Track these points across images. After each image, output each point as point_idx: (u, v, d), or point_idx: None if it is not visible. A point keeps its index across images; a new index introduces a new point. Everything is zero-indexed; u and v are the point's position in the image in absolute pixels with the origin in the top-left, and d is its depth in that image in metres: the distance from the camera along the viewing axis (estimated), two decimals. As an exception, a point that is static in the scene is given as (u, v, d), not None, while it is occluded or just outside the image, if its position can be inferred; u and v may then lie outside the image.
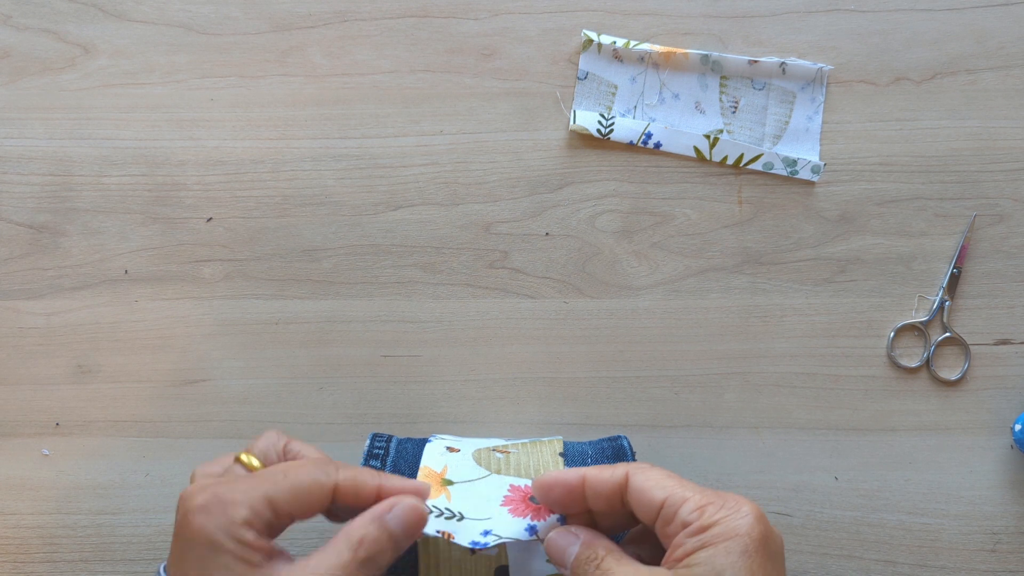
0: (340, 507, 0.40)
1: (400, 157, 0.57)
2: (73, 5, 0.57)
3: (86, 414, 0.56)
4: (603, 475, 0.39)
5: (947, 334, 0.55)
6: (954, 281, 0.55)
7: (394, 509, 0.38)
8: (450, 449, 0.48)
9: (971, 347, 0.55)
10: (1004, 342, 0.55)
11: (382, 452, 0.48)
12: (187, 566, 0.37)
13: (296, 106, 0.57)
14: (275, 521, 0.38)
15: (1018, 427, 0.53)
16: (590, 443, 0.49)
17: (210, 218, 0.57)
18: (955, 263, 0.55)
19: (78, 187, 0.57)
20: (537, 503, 0.41)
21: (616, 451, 0.47)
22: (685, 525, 0.36)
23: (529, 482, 0.43)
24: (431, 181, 0.56)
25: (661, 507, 0.37)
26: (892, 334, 0.55)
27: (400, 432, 0.55)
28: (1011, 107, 0.56)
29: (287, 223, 0.56)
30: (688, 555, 0.35)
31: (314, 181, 0.57)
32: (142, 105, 0.57)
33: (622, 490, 0.38)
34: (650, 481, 0.38)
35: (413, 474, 0.46)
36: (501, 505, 0.42)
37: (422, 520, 0.39)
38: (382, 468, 0.47)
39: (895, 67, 0.56)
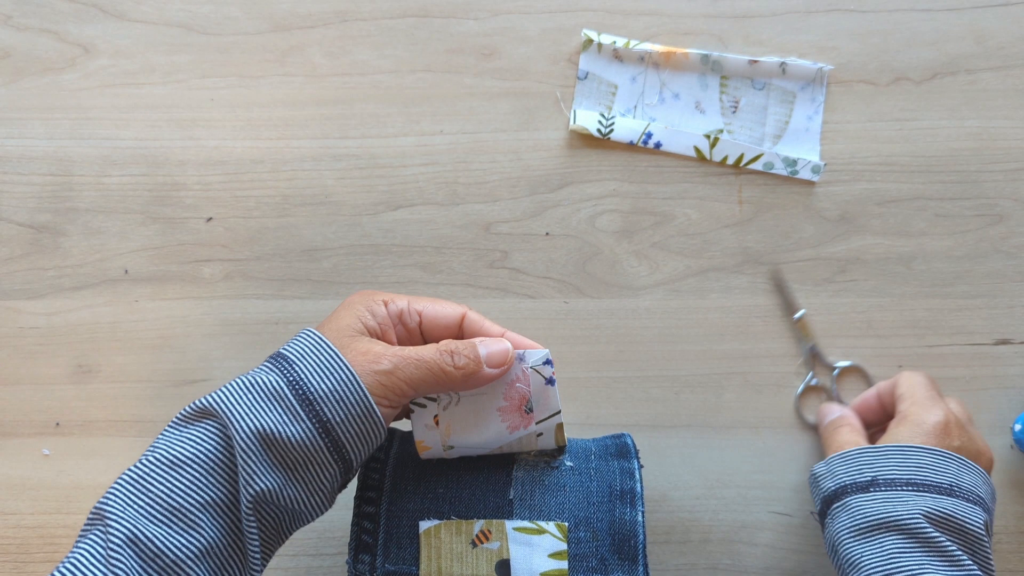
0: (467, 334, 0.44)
1: (400, 157, 0.57)
2: (73, 5, 0.57)
3: (86, 414, 0.56)
4: None
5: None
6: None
7: (489, 341, 0.43)
8: None
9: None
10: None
11: (383, 455, 0.47)
12: (330, 318, 0.43)
13: (296, 106, 0.57)
14: (410, 325, 0.44)
15: (1018, 427, 0.53)
16: (593, 440, 0.49)
17: (210, 218, 0.57)
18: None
19: (78, 187, 0.57)
20: (530, 412, 0.44)
21: (619, 448, 0.47)
22: None
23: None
24: (431, 181, 0.56)
25: None
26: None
27: (400, 432, 0.55)
28: (1011, 107, 0.56)
29: (287, 223, 0.56)
30: None
31: (314, 181, 0.57)
32: (142, 105, 0.57)
33: None
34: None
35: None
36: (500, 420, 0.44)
37: (508, 360, 0.43)
38: (385, 459, 0.47)
39: (895, 67, 0.56)
